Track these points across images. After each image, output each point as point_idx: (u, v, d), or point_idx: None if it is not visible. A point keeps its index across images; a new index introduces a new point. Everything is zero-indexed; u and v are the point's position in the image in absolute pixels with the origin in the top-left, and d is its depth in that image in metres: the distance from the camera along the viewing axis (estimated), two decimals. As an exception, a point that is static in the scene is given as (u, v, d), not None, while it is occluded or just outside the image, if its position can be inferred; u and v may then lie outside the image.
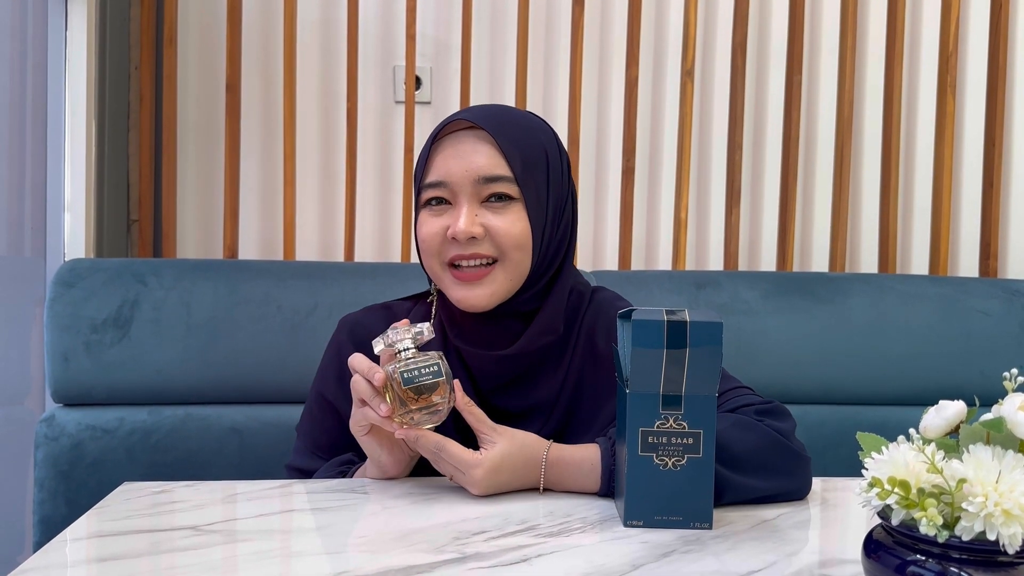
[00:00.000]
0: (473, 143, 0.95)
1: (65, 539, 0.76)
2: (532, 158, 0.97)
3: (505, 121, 0.97)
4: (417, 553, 0.72)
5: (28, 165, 1.55)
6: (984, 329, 1.54)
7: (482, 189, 0.94)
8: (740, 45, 1.82)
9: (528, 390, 1.00)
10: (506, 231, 0.94)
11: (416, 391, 0.85)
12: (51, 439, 1.33)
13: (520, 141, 0.96)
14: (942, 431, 0.60)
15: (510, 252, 0.95)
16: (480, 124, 0.95)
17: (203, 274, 1.41)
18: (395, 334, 0.87)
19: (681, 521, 0.80)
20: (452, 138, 0.97)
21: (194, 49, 1.78)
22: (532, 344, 0.98)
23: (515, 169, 0.95)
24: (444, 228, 0.95)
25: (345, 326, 1.08)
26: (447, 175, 0.95)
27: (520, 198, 0.96)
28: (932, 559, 0.55)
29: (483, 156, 0.94)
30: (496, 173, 0.94)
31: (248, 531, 0.79)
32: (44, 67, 1.56)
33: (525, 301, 0.99)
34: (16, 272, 1.55)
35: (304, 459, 1.05)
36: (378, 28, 1.82)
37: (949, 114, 1.84)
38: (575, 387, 1.01)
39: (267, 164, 1.81)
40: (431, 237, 0.96)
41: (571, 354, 1.02)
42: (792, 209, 1.83)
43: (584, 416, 1.00)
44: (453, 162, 0.95)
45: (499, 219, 0.95)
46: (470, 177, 0.94)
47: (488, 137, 0.95)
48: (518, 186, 0.95)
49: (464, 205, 0.94)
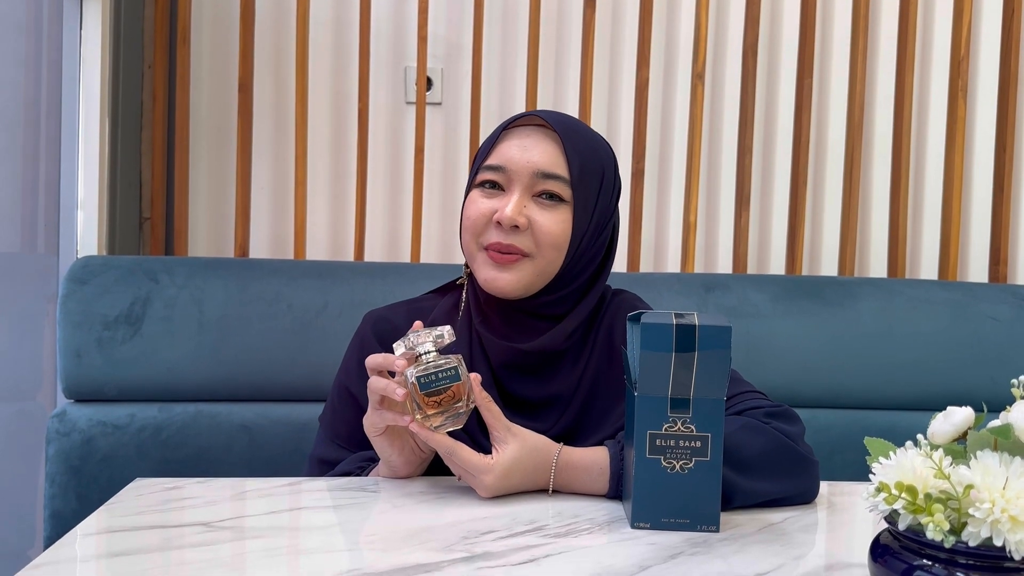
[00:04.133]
0: (540, 138, 0.99)
1: (76, 535, 0.77)
2: (590, 169, 1.00)
3: (575, 129, 1.01)
4: (426, 552, 0.73)
5: (42, 163, 1.56)
6: (993, 335, 1.53)
7: (536, 183, 0.97)
8: (751, 48, 1.82)
9: (545, 382, 1.01)
10: (548, 228, 0.97)
11: (435, 397, 0.85)
12: (62, 434, 1.34)
13: (584, 151, 1.00)
14: (950, 437, 0.60)
15: (545, 249, 0.97)
16: (551, 124, 0.99)
17: (214, 272, 1.42)
18: (416, 337, 0.86)
19: (688, 524, 0.80)
20: (521, 131, 1.00)
21: (207, 49, 1.79)
22: (549, 345, 1.00)
23: (572, 173, 0.98)
24: (491, 211, 0.98)
25: (369, 320, 1.10)
26: (508, 161, 0.98)
27: (570, 202, 0.98)
28: (938, 564, 0.55)
29: (546, 153, 0.98)
30: (554, 171, 0.97)
31: (258, 528, 0.79)
32: (58, 65, 1.57)
33: (548, 304, 1.01)
34: (29, 269, 1.56)
35: (325, 449, 1.07)
36: (390, 29, 1.83)
37: (960, 118, 1.83)
38: (592, 384, 1.02)
39: (278, 163, 1.82)
40: (477, 216, 0.99)
41: (590, 351, 1.03)
42: (802, 212, 1.83)
43: (598, 412, 1.01)
44: (517, 151, 0.98)
45: (545, 216, 0.97)
46: (529, 169, 0.97)
47: (556, 137, 0.99)
48: (571, 189, 0.98)
49: (516, 193, 0.97)
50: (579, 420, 1.01)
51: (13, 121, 1.50)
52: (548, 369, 1.02)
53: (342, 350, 1.40)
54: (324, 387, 1.40)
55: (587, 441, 0.97)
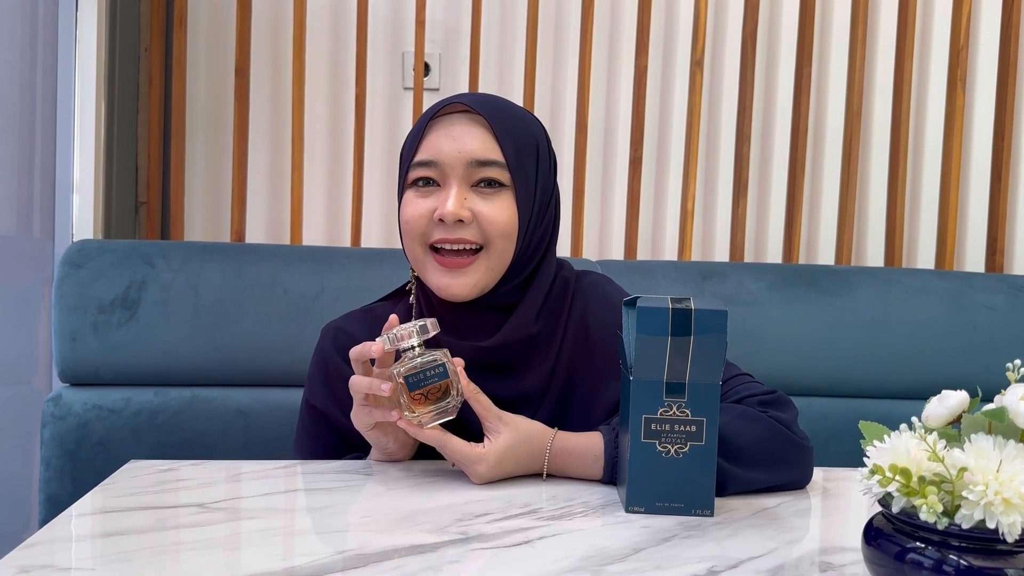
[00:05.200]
0: (467, 126, 0.93)
1: (71, 514, 0.77)
2: (525, 148, 0.96)
3: (501, 108, 0.96)
4: (420, 533, 0.73)
5: (38, 146, 1.55)
6: (989, 324, 1.53)
7: (473, 172, 0.93)
8: (750, 35, 1.81)
9: (515, 379, 0.98)
10: (494, 218, 0.93)
11: (423, 394, 0.83)
12: (58, 418, 1.34)
13: (514, 130, 0.95)
14: (944, 420, 0.60)
15: (495, 240, 0.93)
16: (476, 109, 0.94)
17: (211, 257, 1.42)
18: (399, 331, 0.83)
19: (682, 508, 0.80)
20: (446, 120, 0.95)
21: (204, 32, 1.79)
22: (510, 337, 0.96)
23: (508, 156, 0.93)
24: (431, 210, 0.93)
25: (328, 334, 1.06)
26: (438, 155, 0.93)
27: (510, 186, 0.94)
28: (932, 547, 0.55)
29: (477, 139, 0.93)
30: (489, 157, 0.93)
31: (253, 509, 0.79)
32: (54, 48, 1.56)
33: (504, 294, 0.98)
34: (24, 252, 1.56)
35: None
36: (387, 14, 1.82)
37: (959, 108, 1.83)
38: (567, 376, 0.99)
39: (275, 148, 1.81)
40: (416, 218, 0.94)
41: (560, 343, 1.00)
42: (799, 201, 1.83)
43: (581, 404, 0.99)
44: (446, 143, 0.93)
45: (488, 205, 0.93)
46: (462, 159, 0.92)
47: (483, 122, 0.94)
48: (509, 172, 0.94)
49: (453, 187, 0.92)
50: (557, 414, 0.98)
51: (9, 104, 1.50)
52: (516, 365, 0.98)
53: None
54: (320, 372, 1.40)
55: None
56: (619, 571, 0.66)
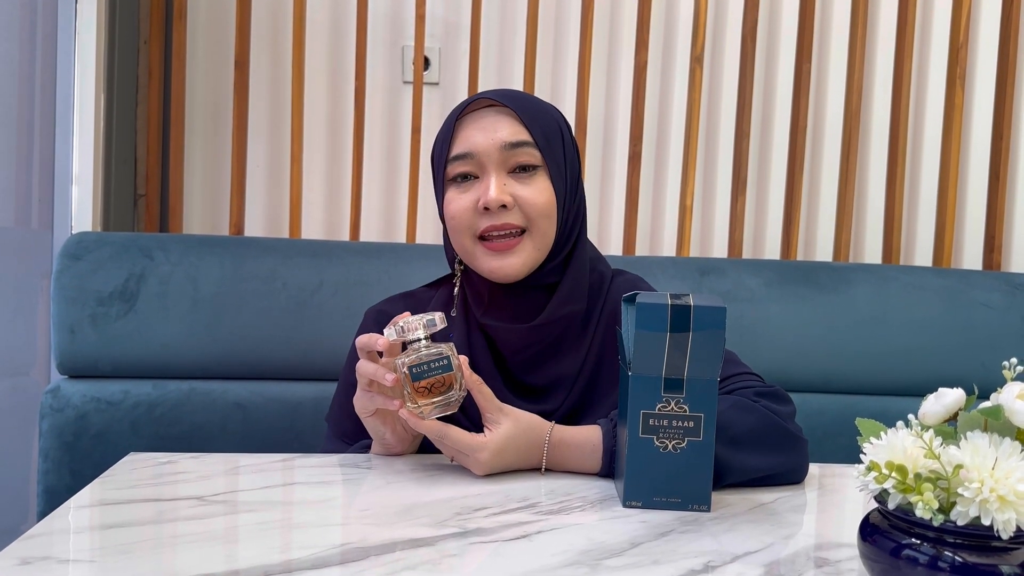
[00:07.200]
0: (495, 117, 0.98)
1: (70, 507, 0.77)
2: (551, 131, 1.01)
3: (524, 98, 1.01)
4: (419, 527, 0.73)
5: (36, 138, 1.55)
6: (986, 322, 1.54)
7: (508, 157, 0.97)
8: (750, 32, 1.81)
9: (553, 364, 1.02)
10: (534, 200, 0.97)
11: (427, 386, 0.85)
12: (56, 410, 1.34)
13: (539, 117, 1.00)
14: (940, 418, 0.60)
15: (538, 220, 0.98)
16: (501, 101, 0.98)
17: (209, 250, 1.42)
18: (407, 323, 0.85)
19: (680, 503, 0.81)
20: (474, 115, 1.00)
21: (203, 24, 1.78)
22: (557, 312, 1.00)
23: (537, 138, 0.98)
24: (474, 201, 0.98)
25: (371, 316, 1.10)
26: (473, 146, 0.97)
27: (544, 166, 0.99)
28: (927, 543, 0.56)
29: (507, 126, 0.98)
30: (521, 139, 0.97)
31: (251, 502, 0.80)
32: (54, 40, 1.56)
33: (548, 272, 1.02)
34: (23, 244, 1.55)
35: (331, 446, 1.07)
36: (387, 7, 1.82)
37: (958, 106, 1.83)
38: (596, 363, 1.03)
39: (274, 141, 1.81)
40: (461, 212, 0.98)
41: (593, 330, 1.04)
42: (798, 198, 1.83)
43: (601, 392, 1.02)
44: (478, 134, 0.98)
45: (526, 189, 0.97)
46: (496, 144, 0.97)
47: (510, 111, 0.99)
48: (541, 153, 0.98)
49: (492, 175, 0.97)
50: (582, 400, 1.02)
51: (8, 96, 1.49)
52: (554, 349, 1.02)
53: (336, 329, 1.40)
54: (319, 366, 1.40)
55: (589, 421, 0.97)
56: (617, 565, 0.66)
